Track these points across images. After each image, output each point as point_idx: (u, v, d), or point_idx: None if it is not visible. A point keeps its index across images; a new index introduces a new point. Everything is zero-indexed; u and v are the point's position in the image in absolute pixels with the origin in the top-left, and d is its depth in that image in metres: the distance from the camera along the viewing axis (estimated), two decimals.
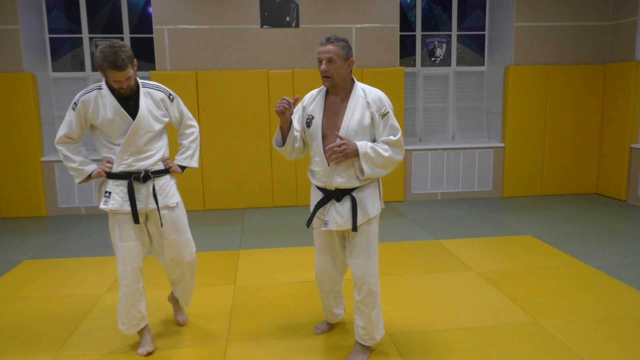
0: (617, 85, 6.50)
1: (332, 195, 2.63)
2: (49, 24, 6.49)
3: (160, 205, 2.78)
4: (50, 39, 6.51)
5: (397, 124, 2.58)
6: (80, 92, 2.72)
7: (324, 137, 2.60)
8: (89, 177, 2.77)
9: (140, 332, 2.95)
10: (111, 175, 2.73)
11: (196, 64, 6.28)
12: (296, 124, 2.72)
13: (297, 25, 6.35)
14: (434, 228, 5.42)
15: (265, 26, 6.32)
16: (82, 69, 6.62)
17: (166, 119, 2.86)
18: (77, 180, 2.79)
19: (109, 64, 2.52)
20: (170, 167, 2.86)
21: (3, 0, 5.86)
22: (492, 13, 7.06)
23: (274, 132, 6.34)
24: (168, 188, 2.84)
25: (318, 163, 2.63)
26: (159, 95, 2.82)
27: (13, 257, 4.67)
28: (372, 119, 2.55)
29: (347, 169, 2.56)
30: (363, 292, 2.68)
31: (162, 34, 6.21)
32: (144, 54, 6.57)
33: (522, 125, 6.74)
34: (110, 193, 2.72)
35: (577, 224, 5.50)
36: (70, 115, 2.72)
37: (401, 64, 6.70)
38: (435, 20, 7.19)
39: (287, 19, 6.33)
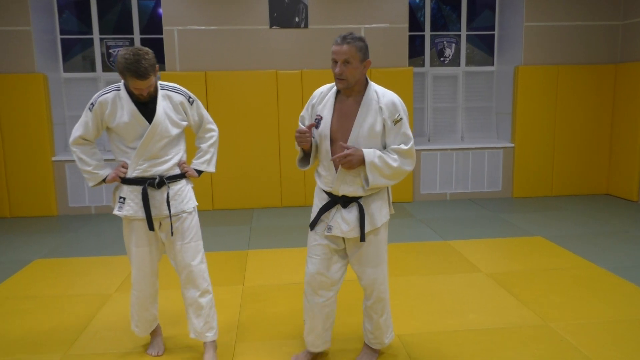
0: (628, 85, 6.43)
1: (338, 200, 2.48)
2: (60, 25, 6.55)
3: (176, 210, 2.67)
4: (62, 40, 6.57)
5: (409, 132, 2.42)
6: (98, 93, 2.63)
7: (332, 141, 2.44)
8: (103, 181, 2.70)
9: (152, 333, 2.96)
10: (126, 181, 2.64)
11: (205, 64, 6.30)
12: (307, 122, 2.60)
13: (306, 26, 6.36)
14: (443, 229, 5.40)
15: (274, 27, 6.33)
16: (93, 69, 6.67)
17: (184, 123, 2.73)
18: (91, 184, 2.72)
19: (131, 73, 2.42)
20: (186, 172, 2.74)
21: (15, 2, 5.93)
22: (501, 13, 7.02)
23: (283, 133, 6.44)
24: (184, 193, 2.72)
25: (326, 167, 2.48)
26: (178, 98, 2.70)
27: (24, 256, 4.72)
28: (384, 125, 2.39)
29: (355, 178, 2.41)
30: (372, 299, 2.62)
31: (171, 34, 6.24)
32: (154, 54, 6.60)
33: (532, 125, 6.69)
34: (124, 199, 2.65)
35: (587, 225, 5.45)
36: (86, 116, 2.63)
37: (410, 64, 6.68)
38: (444, 20, 7.16)
39: (296, 19, 6.33)
